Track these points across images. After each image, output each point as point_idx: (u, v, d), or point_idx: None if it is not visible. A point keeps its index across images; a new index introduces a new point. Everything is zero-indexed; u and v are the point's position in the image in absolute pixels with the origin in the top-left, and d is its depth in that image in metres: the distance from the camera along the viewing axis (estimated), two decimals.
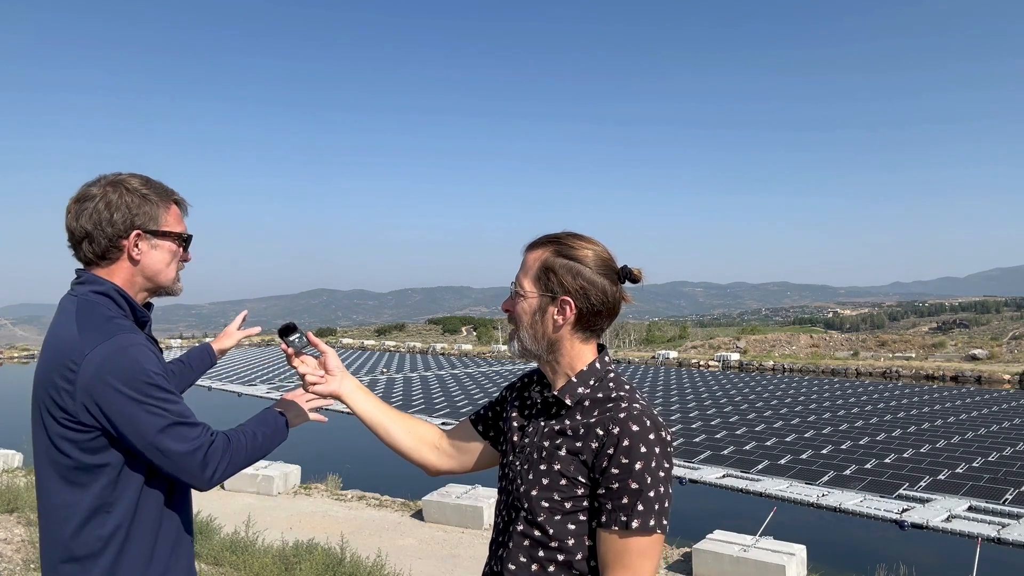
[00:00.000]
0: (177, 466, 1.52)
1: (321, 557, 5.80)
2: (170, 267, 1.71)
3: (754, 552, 8.25)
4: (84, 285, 1.62)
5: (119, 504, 1.53)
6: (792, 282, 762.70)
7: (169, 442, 1.50)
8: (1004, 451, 18.18)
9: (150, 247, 1.66)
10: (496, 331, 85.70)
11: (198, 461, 1.52)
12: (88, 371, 1.47)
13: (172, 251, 1.70)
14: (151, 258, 1.66)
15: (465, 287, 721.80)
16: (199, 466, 1.52)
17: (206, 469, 1.53)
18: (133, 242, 1.63)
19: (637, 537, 1.30)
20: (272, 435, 1.72)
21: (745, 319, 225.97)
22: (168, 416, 1.51)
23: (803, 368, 48.51)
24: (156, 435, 1.49)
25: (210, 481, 1.56)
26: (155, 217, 1.65)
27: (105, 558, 1.52)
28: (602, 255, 1.44)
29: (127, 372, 1.48)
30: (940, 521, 12.39)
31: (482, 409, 1.71)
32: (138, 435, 1.49)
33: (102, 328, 1.52)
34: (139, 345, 1.53)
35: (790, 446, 18.88)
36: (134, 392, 1.48)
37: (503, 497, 1.52)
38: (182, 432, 1.52)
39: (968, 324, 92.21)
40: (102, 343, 1.49)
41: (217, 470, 1.55)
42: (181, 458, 1.51)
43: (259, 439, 1.68)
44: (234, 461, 1.59)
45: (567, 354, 1.46)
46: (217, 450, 1.56)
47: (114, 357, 1.48)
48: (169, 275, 1.71)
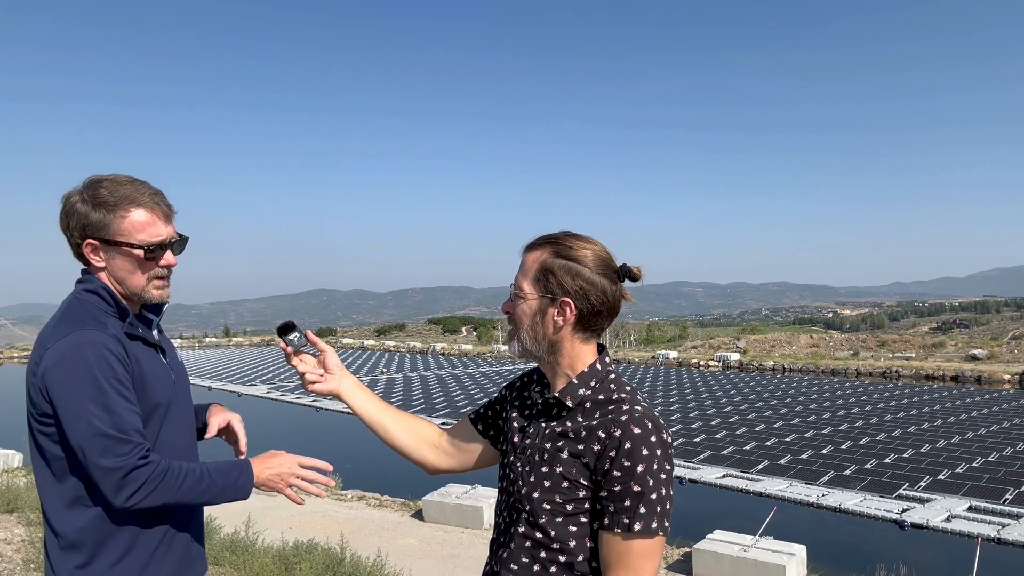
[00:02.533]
0: (95, 478, 1.48)
1: (321, 557, 5.80)
2: (135, 275, 1.65)
3: (754, 552, 8.24)
4: (80, 284, 1.67)
5: (97, 496, 1.55)
6: (792, 282, 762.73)
7: (94, 453, 1.47)
8: (1004, 451, 18.17)
9: (108, 256, 1.64)
10: (496, 331, 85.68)
11: (115, 480, 1.47)
12: (47, 361, 1.50)
13: (134, 258, 1.63)
14: (113, 266, 1.64)
15: (465, 287, 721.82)
16: (115, 485, 1.47)
17: (121, 491, 1.48)
18: (88, 251, 1.64)
19: (639, 539, 1.31)
20: (225, 489, 1.61)
21: (745, 319, 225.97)
22: (100, 426, 1.47)
23: (803, 368, 48.50)
24: (85, 439, 1.47)
25: (124, 503, 1.49)
26: (105, 226, 1.60)
27: (85, 548, 1.55)
28: (601, 255, 1.44)
29: (74, 369, 1.49)
30: (940, 521, 12.39)
31: (482, 408, 1.70)
32: (72, 432, 1.48)
33: (74, 323, 1.55)
34: (96, 344, 1.52)
35: (790, 446, 18.88)
36: (75, 391, 1.48)
37: (504, 498, 1.52)
38: (109, 446, 1.47)
39: (968, 324, 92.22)
40: (65, 336, 1.52)
41: (135, 496, 1.49)
42: (100, 472, 1.47)
43: (204, 484, 1.58)
44: (159, 492, 1.51)
45: (567, 355, 1.46)
46: (139, 476, 1.49)
47: (68, 352, 1.50)
48: (136, 282, 1.65)
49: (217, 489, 1.60)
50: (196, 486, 1.57)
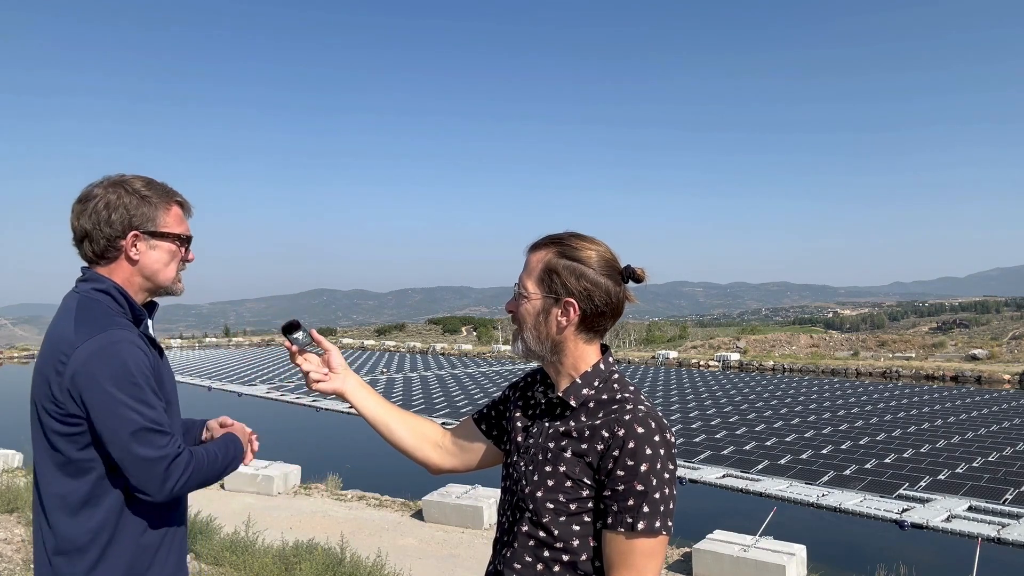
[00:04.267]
0: (140, 470, 1.52)
1: (321, 557, 5.80)
2: (169, 267, 1.72)
3: (754, 552, 8.25)
4: (87, 283, 1.66)
5: (107, 497, 1.56)
6: (792, 282, 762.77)
7: (137, 446, 1.51)
8: (1004, 451, 18.18)
9: (148, 248, 1.68)
10: (496, 331, 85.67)
11: (160, 470, 1.53)
12: (76, 362, 1.51)
13: (171, 251, 1.72)
14: (149, 258, 1.68)
15: (465, 287, 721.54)
16: (160, 476, 1.53)
17: (167, 481, 1.54)
18: (131, 242, 1.65)
19: (643, 538, 1.31)
20: (232, 461, 1.75)
21: (745, 319, 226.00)
22: (141, 420, 1.51)
23: (803, 368, 48.51)
24: (127, 436, 1.51)
25: (169, 493, 1.55)
26: (153, 218, 1.68)
27: (92, 552, 1.55)
28: (605, 256, 1.44)
29: (111, 368, 1.51)
30: (940, 521, 12.39)
31: (485, 408, 1.70)
32: (110, 431, 1.51)
33: (97, 323, 1.56)
34: (128, 343, 1.55)
35: (790, 446, 18.88)
36: (115, 389, 1.50)
37: (507, 497, 1.52)
38: (152, 439, 1.52)
39: (968, 324, 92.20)
40: (94, 336, 1.53)
41: (177, 483, 1.55)
42: (145, 464, 1.52)
43: (219, 463, 1.69)
44: (194, 477, 1.60)
45: (571, 355, 1.46)
46: (180, 463, 1.56)
47: (102, 351, 1.51)
48: (168, 275, 1.73)
49: (227, 462, 1.73)
50: (214, 465, 1.68)
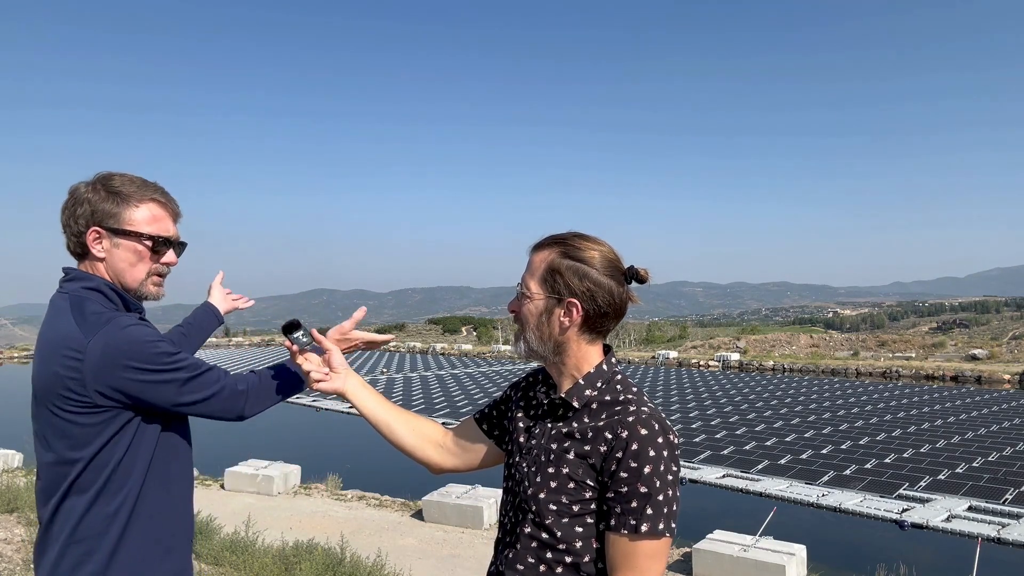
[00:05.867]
0: (210, 409, 1.60)
1: (321, 557, 5.79)
2: (136, 268, 1.65)
3: (754, 552, 8.24)
4: (74, 282, 1.63)
5: (125, 484, 1.56)
6: (792, 282, 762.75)
7: (192, 395, 1.57)
8: (1004, 451, 18.18)
9: (112, 246, 1.63)
10: (496, 331, 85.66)
11: (224, 397, 1.61)
12: (95, 357, 1.49)
13: (136, 251, 1.64)
14: (113, 257, 1.64)
15: (465, 287, 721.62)
16: (228, 402, 1.61)
17: (235, 403, 1.63)
18: (92, 238, 1.62)
19: (646, 540, 1.31)
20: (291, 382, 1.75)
21: (745, 319, 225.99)
22: (182, 373, 1.56)
23: (803, 368, 48.51)
24: (178, 395, 1.56)
25: (246, 410, 1.65)
26: (115, 215, 1.62)
27: (109, 537, 1.54)
28: (608, 256, 1.43)
29: (133, 349, 1.52)
30: (940, 521, 12.38)
31: (486, 408, 1.70)
32: (164, 400, 1.56)
33: (101, 316, 1.55)
34: (136, 324, 1.57)
35: (790, 446, 18.87)
36: (147, 364, 1.52)
37: (509, 498, 1.51)
38: (201, 381, 1.58)
39: (968, 324, 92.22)
40: (101, 329, 1.52)
41: (249, 402, 1.65)
42: (209, 403, 1.59)
43: (275, 381, 1.73)
44: (257, 393, 1.67)
45: (573, 355, 1.45)
46: (239, 385, 1.63)
47: (118, 339, 1.51)
48: (135, 276, 1.65)
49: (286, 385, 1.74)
50: (269, 383, 1.72)
